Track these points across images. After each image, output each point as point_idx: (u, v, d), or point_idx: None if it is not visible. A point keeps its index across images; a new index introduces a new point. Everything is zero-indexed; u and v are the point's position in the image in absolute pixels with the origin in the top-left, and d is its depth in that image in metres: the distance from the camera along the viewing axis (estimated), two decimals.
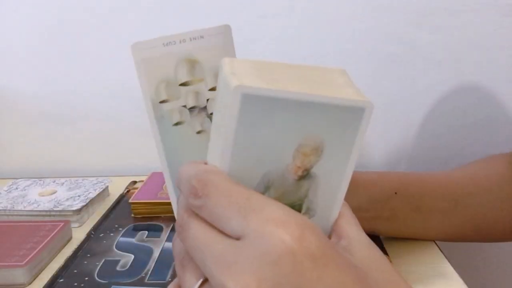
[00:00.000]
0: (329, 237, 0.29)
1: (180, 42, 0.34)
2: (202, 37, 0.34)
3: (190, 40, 0.34)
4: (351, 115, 0.27)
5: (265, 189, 0.28)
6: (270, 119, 0.26)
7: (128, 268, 0.49)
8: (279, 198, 0.28)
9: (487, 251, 0.79)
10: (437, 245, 0.52)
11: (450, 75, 0.72)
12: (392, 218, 0.47)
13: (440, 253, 0.50)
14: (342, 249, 0.27)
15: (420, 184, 0.50)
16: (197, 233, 0.25)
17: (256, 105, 0.25)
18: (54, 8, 0.73)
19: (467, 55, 0.70)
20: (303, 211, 0.29)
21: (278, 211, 0.24)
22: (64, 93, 0.77)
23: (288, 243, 0.22)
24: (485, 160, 0.57)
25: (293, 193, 0.28)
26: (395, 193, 0.47)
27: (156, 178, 0.67)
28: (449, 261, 0.49)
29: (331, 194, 0.29)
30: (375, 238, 0.52)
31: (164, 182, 0.65)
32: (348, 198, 0.29)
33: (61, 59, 0.75)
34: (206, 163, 0.28)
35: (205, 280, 0.25)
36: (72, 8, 0.73)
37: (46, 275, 0.47)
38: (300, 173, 0.28)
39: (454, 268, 0.48)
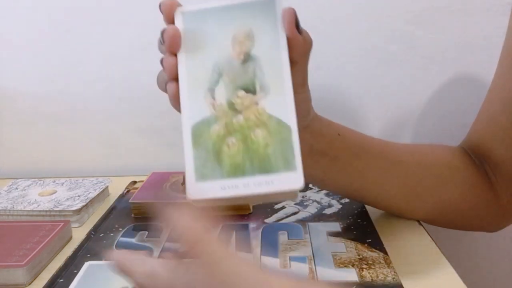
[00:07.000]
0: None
1: None
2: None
3: None
4: (265, 6, 0.36)
5: (218, 75, 0.35)
6: (205, 24, 0.36)
7: None
8: (233, 81, 0.35)
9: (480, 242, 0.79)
10: (435, 243, 0.52)
11: (450, 75, 0.72)
12: (336, 159, 0.48)
13: (439, 251, 0.50)
14: None
15: (361, 136, 0.52)
16: None
17: (193, 17, 0.36)
18: (54, 8, 0.73)
19: (467, 55, 0.70)
20: (257, 89, 0.34)
21: None
22: (64, 93, 0.77)
23: None
24: (432, 144, 0.60)
25: (243, 74, 0.35)
26: (339, 134, 0.48)
27: (156, 178, 0.67)
28: (447, 259, 0.49)
29: (277, 70, 0.35)
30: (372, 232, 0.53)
31: (164, 182, 0.65)
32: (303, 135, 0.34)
33: (61, 59, 0.75)
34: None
35: None
36: (72, 8, 0.73)
37: (46, 275, 0.47)
38: (242, 56, 0.35)
39: (452, 264, 0.48)
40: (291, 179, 0.32)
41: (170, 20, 0.37)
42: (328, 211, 0.60)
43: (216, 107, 0.34)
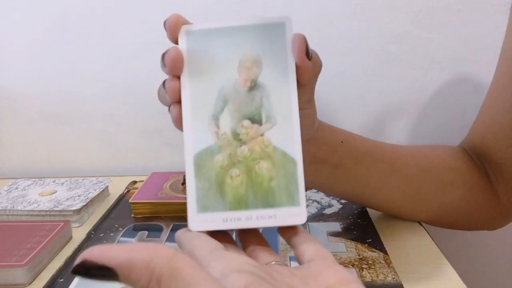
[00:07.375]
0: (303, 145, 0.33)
1: None
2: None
3: None
4: (275, 30, 0.34)
5: (223, 103, 0.34)
6: (211, 45, 0.34)
7: None
8: (238, 110, 0.33)
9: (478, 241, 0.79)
10: (435, 243, 0.52)
11: (450, 75, 0.72)
12: (338, 166, 0.48)
13: (439, 251, 0.50)
14: None
15: (363, 141, 0.52)
16: None
17: (198, 37, 0.34)
18: (54, 8, 0.73)
19: (467, 54, 0.70)
20: (264, 119, 0.33)
21: None
22: (64, 93, 0.77)
23: None
24: (433, 145, 0.60)
25: (249, 103, 0.34)
26: (341, 141, 0.49)
27: (156, 178, 0.67)
28: (447, 259, 0.49)
29: (284, 101, 0.33)
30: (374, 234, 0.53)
31: (164, 182, 0.65)
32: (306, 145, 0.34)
33: (61, 59, 0.75)
34: None
35: None
36: (72, 8, 0.73)
37: (46, 275, 0.47)
38: (248, 84, 0.34)
39: (452, 264, 0.48)
40: (294, 214, 0.32)
41: (174, 39, 0.35)
42: (328, 211, 0.60)
43: (220, 136, 0.33)
